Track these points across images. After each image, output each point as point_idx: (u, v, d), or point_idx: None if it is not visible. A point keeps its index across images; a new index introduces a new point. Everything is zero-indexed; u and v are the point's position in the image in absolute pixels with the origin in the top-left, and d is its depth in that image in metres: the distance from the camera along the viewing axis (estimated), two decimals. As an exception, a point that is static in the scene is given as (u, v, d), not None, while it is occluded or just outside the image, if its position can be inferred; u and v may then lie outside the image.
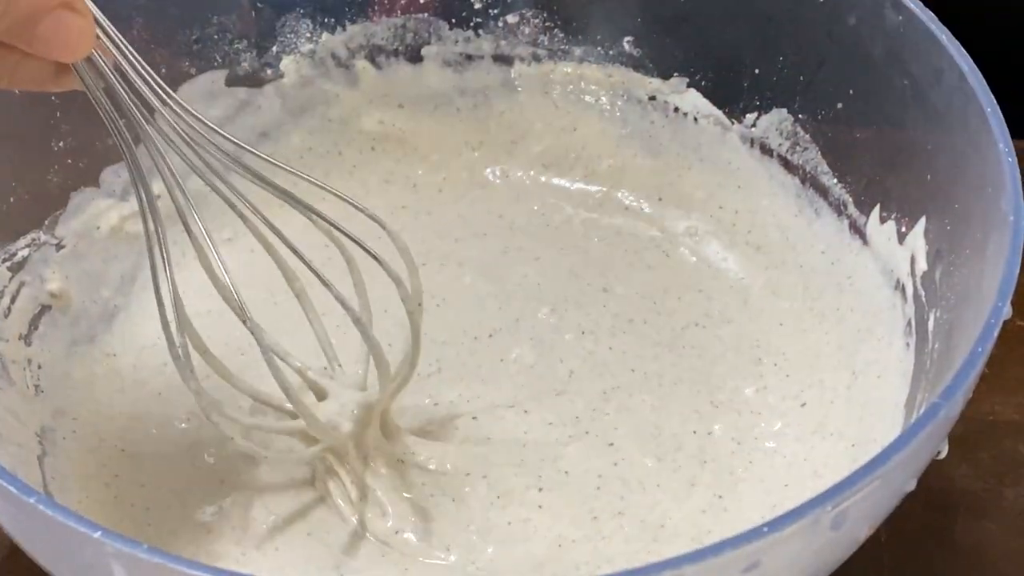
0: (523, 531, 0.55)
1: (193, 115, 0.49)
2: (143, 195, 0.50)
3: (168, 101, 0.48)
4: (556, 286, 0.66)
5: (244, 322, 0.52)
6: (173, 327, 0.52)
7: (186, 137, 0.49)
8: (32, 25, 0.39)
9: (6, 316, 0.58)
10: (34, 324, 0.60)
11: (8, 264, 0.59)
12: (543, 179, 0.71)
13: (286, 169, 0.52)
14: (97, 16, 0.44)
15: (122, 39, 0.46)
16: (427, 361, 0.61)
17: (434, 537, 0.55)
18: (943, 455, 0.48)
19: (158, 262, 0.51)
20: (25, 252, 0.60)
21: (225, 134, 0.51)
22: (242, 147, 0.51)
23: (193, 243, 0.51)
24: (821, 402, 0.60)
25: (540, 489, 0.57)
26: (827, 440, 0.58)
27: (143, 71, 0.47)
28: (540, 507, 0.56)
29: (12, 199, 0.59)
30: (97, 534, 0.40)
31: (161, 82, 0.48)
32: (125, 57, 0.46)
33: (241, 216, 0.52)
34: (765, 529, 0.40)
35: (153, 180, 0.50)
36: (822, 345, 0.62)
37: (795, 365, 0.62)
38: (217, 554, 0.54)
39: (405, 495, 0.56)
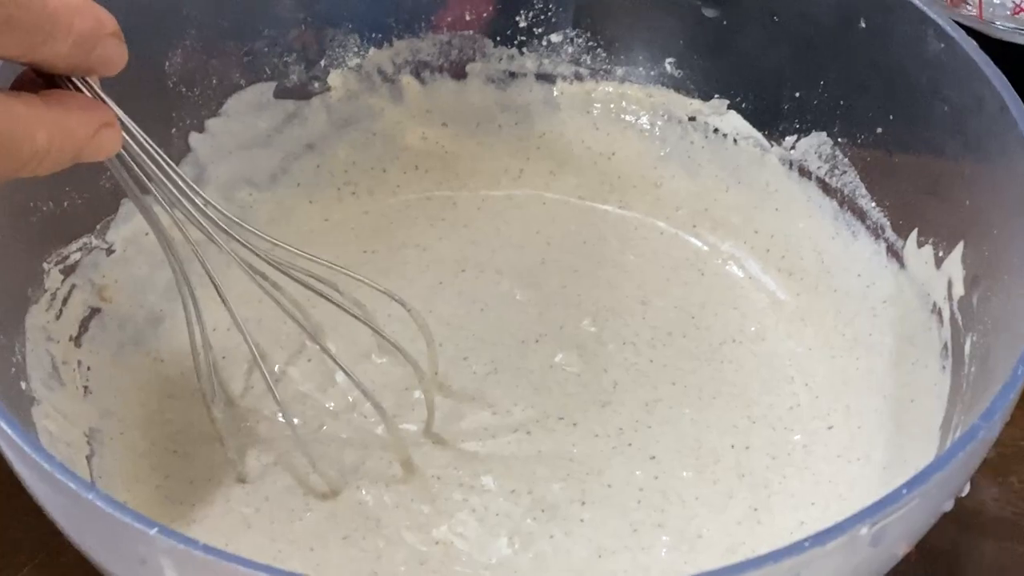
0: (564, 543, 0.56)
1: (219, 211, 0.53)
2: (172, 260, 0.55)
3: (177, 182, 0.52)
4: (595, 296, 0.66)
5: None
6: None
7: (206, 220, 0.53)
8: (79, 153, 0.46)
9: (58, 318, 0.59)
10: (84, 326, 0.60)
11: (61, 267, 0.60)
12: (581, 202, 0.71)
13: (310, 258, 0.56)
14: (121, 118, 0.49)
15: (140, 132, 0.50)
16: (482, 361, 0.63)
17: (474, 547, 0.55)
18: (965, 493, 0.48)
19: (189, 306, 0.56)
20: (77, 256, 0.61)
21: (256, 230, 0.54)
22: (263, 237, 0.55)
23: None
24: (847, 426, 0.60)
25: (583, 503, 0.57)
26: (852, 464, 0.58)
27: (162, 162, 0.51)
28: (582, 520, 0.57)
29: (66, 203, 0.59)
30: (153, 531, 0.40)
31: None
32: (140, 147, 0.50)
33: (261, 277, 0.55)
34: (807, 544, 0.40)
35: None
36: (851, 370, 0.62)
37: (823, 388, 0.62)
38: (257, 547, 0.55)
39: (445, 507, 0.57)
